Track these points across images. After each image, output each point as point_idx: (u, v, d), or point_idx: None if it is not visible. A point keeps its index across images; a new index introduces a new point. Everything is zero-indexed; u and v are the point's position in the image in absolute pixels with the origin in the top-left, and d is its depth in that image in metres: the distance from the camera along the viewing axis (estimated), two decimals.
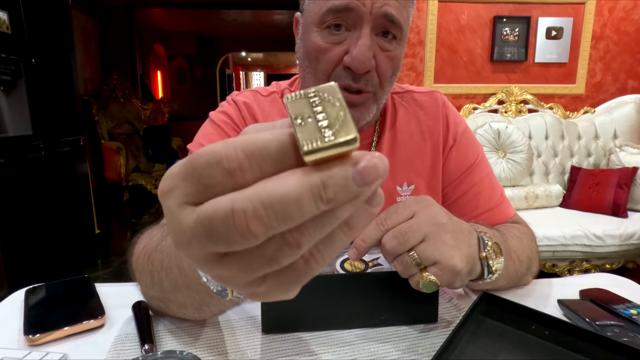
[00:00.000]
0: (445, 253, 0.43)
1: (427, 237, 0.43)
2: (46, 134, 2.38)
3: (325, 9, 0.56)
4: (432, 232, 0.43)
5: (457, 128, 0.74)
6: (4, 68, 2.07)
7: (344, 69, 0.58)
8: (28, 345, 0.48)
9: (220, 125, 0.69)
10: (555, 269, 2.18)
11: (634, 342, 0.45)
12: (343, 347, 0.48)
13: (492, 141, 2.51)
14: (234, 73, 9.65)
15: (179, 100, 6.77)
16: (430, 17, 2.66)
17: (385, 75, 0.60)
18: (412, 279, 0.44)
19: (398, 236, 0.42)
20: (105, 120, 4.52)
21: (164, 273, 0.44)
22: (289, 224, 0.16)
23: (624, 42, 2.75)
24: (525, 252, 0.61)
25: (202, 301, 0.43)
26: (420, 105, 0.74)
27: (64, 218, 2.56)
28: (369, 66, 0.56)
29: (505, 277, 0.56)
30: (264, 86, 0.76)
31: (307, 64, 0.62)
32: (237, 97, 0.73)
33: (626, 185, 2.29)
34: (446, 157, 0.73)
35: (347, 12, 0.55)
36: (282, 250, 0.17)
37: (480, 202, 0.71)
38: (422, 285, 0.43)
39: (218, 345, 0.48)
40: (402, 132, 0.72)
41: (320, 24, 0.58)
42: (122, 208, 4.36)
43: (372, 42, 0.56)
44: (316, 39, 0.59)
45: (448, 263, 0.43)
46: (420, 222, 0.43)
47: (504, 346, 0.45)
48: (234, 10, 5.92)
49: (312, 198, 0.16)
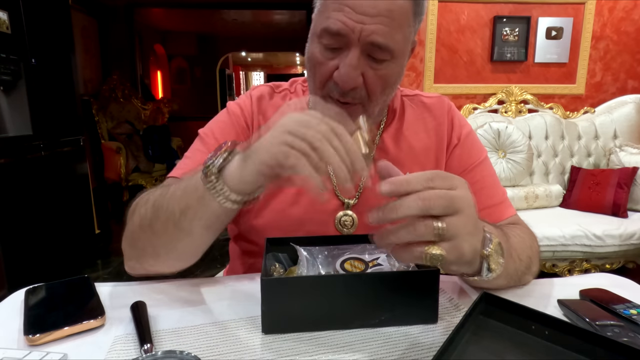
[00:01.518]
0: (463, 235, 0.42)
1: (460, 212, 0.42)
2: (46, 134, 2.38)
3: (321, 28, 0.61)
4: (466, 210, 0.42)
5: (462, 130, 0.77)
6: (4, 68, 2.07)
7: (334, 83, 0.62)
8: (28, 345, 0.48)
9: (232, 115, 0.75)
10: (555, 269, 2.18)
11: (634, 342, 0.45)
12: (343, 347, 0.48)
13: (492, 141, 2.51)
14: (234, 73, 9.65)
15: (179, 100, 6.77)
16: (430, 17, 2.66)
17: (374, 91, 0.63)
18: (417, 247, 0.41)
19: (446, 198, 0.41)
20: (105, 120, 4.52)
21: (172, 198, 0.54)
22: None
23: (624, 42, 2.75)
24: (526, 251, 0.61)
25: (195, 212, 0.52)
26: (428, 107, 0.78)
27: (64, 218, 2.56)
28: (353, 84, 0.61)
29: (505, 276, 0.56)
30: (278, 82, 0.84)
31: (309, 68, 0.67)
32: (253, 91, 0.79)
33: (626, 185, 2.29)
34: (450, 154, 0.76)
35: (338, 36, 0.60)
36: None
37: (481, 199, 0.71)
38: (429, 256, 0.41)
39: (218, 345, 0.48)
40: (408, 127, 0.76)
41: (318, 37, 0.63)
42: (122, 208, 4.34)
43: (359, 62, 0.60)
44: (314, 49, 0.64)
45: (461, 245, 0.42)
46: (462, 197, 0.42)
47: (504, 346, 0.45)
48: (234, 10, 5.92)
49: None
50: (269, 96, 0.78)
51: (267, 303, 0.49)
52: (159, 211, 0.56)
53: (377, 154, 0.73)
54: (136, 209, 0.61)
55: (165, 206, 0.55)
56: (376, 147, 0.74)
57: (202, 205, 0.51)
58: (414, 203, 0.40)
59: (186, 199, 0.52)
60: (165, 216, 0.54)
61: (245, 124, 0.75)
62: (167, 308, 0.56)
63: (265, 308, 0.50)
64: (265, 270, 0.52)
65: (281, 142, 0.44)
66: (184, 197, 0.53)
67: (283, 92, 0.79)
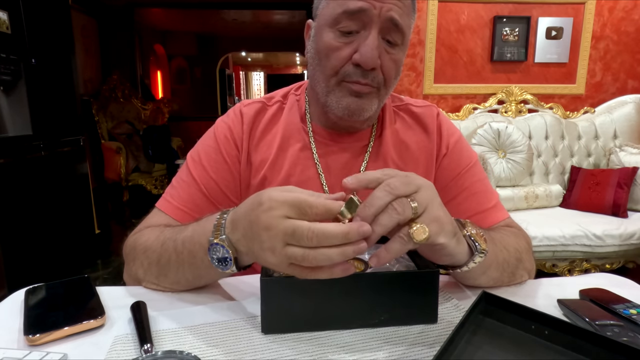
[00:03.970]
0: (433, 205, 0.47)
1: (421, 188, 0.46)
2: (46, 134, 2.39)
3: (340, 11, 0.63)
4: (425, 184, 0.47)
5: (450, 138, 0.77)
6: (4, 68, 2.07)
7: (353, 66, 0.64)
8: (28, 345, 0.47)
9: (220, 141, 0.74)
10: (555, 269, 2.18)
11: (634, 342, 0.45)
12: (343, 347, 0.48)
13: (492, 141, 2.51)
14: (234, 73, 9.66)
15: (179, 100, 6.78)
16: (430, 17, 2.66)
17: (389, 75, 0.66)
18: (402, 230, 0.45)
19: (403, 179, 0.46)
20: (105, 120, 4.52)
21: (175, 254, 0.57)
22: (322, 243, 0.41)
23: (624, 42, 2.75)
24: (511, 243, 0.63)
25: (199, 275, 0.58)
26: (417, 116, 0.78)
27: (63, 218, 2.56)
28: (375, 63, 0.63)
29: (495, 266, 0.59)
30: (268, 92, 0.83)
31: (317, 62, 0.68)
32: (244, 108, 0.76)
33: (626, 185, 2.29)
34: (439, 165, 0.76)
35: (359, 14, 0.62)
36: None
37: (472, 205, 0.73)
38: (415, 233, 0.44)
39: (218, 345, 0.48)
40: (397, 139, 0.76)
41: (333, 24, 0.64)
42: (122, 208, 4.36)
43: (379, 42, 0.63)
44: (328, 38, 0.65)
45: (435, 213, 0.46)
46: (416, 177, 0.48)
47: (504, 346, 0.45)
48: (234, 10, 5.92)
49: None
50: (261, 112, 0.76)
51: (266, 303, 0.49)
52: (167, 271, 0.59)
53: (368, 164, 0.74)
54: (136, 256, 0.63)
55: (175, 270, 0.59)
56: (368, 156, 0.74)
57: (212, 272, 0.55)
58: (381, 192, 0.44)
59: (196, 269, 0.57)
60: (176, 277, 0.59)
61: (236, 147, 0.73)
62: (167, 308, 0.56)
63: (265, 308, 0.50)
64: (265, 270, 0.52)
65: (278, 262, 0.44)
66: (193, 267, 0.57)
67: (276, 104, 0.77)
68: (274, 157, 0.72)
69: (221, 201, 0.72)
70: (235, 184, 0.73)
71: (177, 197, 0.71)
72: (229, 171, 0.72)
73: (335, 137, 0.74)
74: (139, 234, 0.66)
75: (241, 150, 0.73)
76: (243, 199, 0.74)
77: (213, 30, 7.25)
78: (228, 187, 0.72)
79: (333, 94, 0.67)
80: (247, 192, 0.73)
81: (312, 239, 0.41)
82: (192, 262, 0.56)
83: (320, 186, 0.72)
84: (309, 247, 0.42)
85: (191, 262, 0.56)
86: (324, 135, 0.74)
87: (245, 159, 0.73)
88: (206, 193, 0.71)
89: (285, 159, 0.72)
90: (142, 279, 0.63)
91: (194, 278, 0.59)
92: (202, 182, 0.71)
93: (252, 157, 0.73)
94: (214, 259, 0.50)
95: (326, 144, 0.74)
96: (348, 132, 0.74)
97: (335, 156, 0.74)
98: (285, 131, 0.74)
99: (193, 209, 0.70)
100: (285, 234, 0.42)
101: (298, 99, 0.78)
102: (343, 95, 0.66)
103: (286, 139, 0.74)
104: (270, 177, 0.72)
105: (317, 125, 0.75)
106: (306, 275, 0.44)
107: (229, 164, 0.73)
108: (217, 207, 0.71)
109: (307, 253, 0.42)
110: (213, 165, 0.72)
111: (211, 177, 0.71)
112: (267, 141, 0.74)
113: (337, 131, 0.74)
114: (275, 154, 0.72)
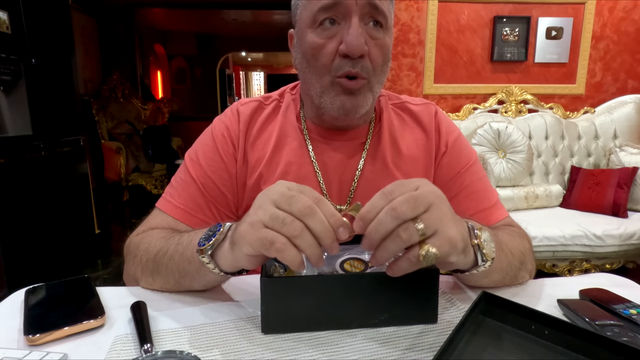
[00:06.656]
0: (445, 224, 0.44)
1: (431, 207, 0.44)
2: (46, 134, 2.39)
3: (317, 9, 0.63)
4: (436, 202, 0.44)
5: (449, 136, 0.76)
6: (4, 68, 2.07)
7: (341, 58, 0.63)
8: (28, 345, 0.47)
9: (217, 139, 0.74)
10: (555, 269, 2.18)
11: (634, 342, 0.45)
12: (343, 347, 0.48)
13: (492, 141, 2.51)
14: (234, 73, 9.65)
15: (179, 100, 6.77)
16: (430, 17, 2.66)
17: (377, 62, 0.65)
18: (412, 251, 0.44)
19: (410, 200, 0.43)
20: (105, 120, 4.52)
21: (171, 260, 0.58)
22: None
23: (624, 42, 2.75)
24: (517, 246, 0.62)
25: (193, 277, 0.57)
26: (414, 114, 0.78)
27: (64, 218, 2.56)
28: (362, 50, 0.62)
29: (499, 270, 0.57)
30: (267, 92, 0.83)
31: (306, 64, 0.67)
32: (241, 107, 0.77)
33: (626, 185, 2.29)
34: (438, 164, 0.75)
35: (336, 7, 0.62)
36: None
37: (472, 204, 0.72)
38: (423, 256, 0.43)
39: (218, 345, 0.48)
40: (395, 137, 0.75)
41: (313, 24, 0.64)
42: (122, 208, 4.36)
43: (362, 29, 0.63)
44: (311, 37, 0.64)
45: (447, 233, 0.44)
46: (427, 193, 0.44)
47: (504, 346, 0.45)
48: (234, 10, 5.92)
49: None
50: (257, 111, 0.76)
51: (266, 303, 0.49)
52: (159, 267, 0.60)
53: (365, 162, 0.73)
54: (136, 253, 0.64)
55: (165, 264, 0.59)
56: (365, 154, 0.74)
57: (199, 274, 0.56)
58: (385, 217, 0.42)
59: (184, 265, 0.57)
60: (166, 273, 0.60)
61: (233, 146, 0.73)
62: (167, 308, 0.56)
63: (265, 308, 0.50)
64: (264, 270, 0.52)
65: (260, 237, 0.44)
66: (182, 264, 0.57)
67: (272, 103, 0.77)
68: (270, 155, 0.72)
69: (218, 199, 0.72)
70: (232, 183, 0.73)
71: (176, 196, 0.71)
72: (226, 169, 0.72)
73: (331, 135, 0.74)
74: (143, 234, 0.67)
75: (238, 148, 0.73)
76: (240, 198, 0.74)
77: (213, 30, 7.24)
78: (225, 186, 0.72)
79: (327, 94, 0.66)
80: (243, 191, 0.73)
81: (304, 209, 0.43)
82: (182, 255, 0.57)
83: (317, 184, 0.72)
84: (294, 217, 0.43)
85: (181, 256, 0.57)
86: (321, 133, 0.74)
87: (242, 157, 0.73)
88: (204, 192, 0.71)
89: (282, 157, 0.72)
90: (139, 279, 0.63)
91: (181, 276, 0.59)
92: (200, 181, 0.71)
93: (249, 155, 0.73)
94: (202, 238, 0.52)
95: (322, 142, 0.74)
96: (344, 130, 0.74)
97: (332, 154, 0.73)
98: (281, 130, 0.74)
99: (193, 208, 0.70)
100: (281, 195, 0.45)
101: (294, 98, 0.78)
102: (336, 94, 0.65)
103: (282, 137, 0.74)
104: (267, 176, 0.72)
105: (313, 123, 0.75)
106: (275, 249, 0.43)
107: (226, 162, 0.73)
108: (216, 205, 0.72)
109: (289, 218, 0.43)
110: (210, 163, 0.72)
111: (209, 176, 0.71)
112: (263, 139, 0.74)
113: (334, 129, 0.74)
114: (272, 153, 0.72)
